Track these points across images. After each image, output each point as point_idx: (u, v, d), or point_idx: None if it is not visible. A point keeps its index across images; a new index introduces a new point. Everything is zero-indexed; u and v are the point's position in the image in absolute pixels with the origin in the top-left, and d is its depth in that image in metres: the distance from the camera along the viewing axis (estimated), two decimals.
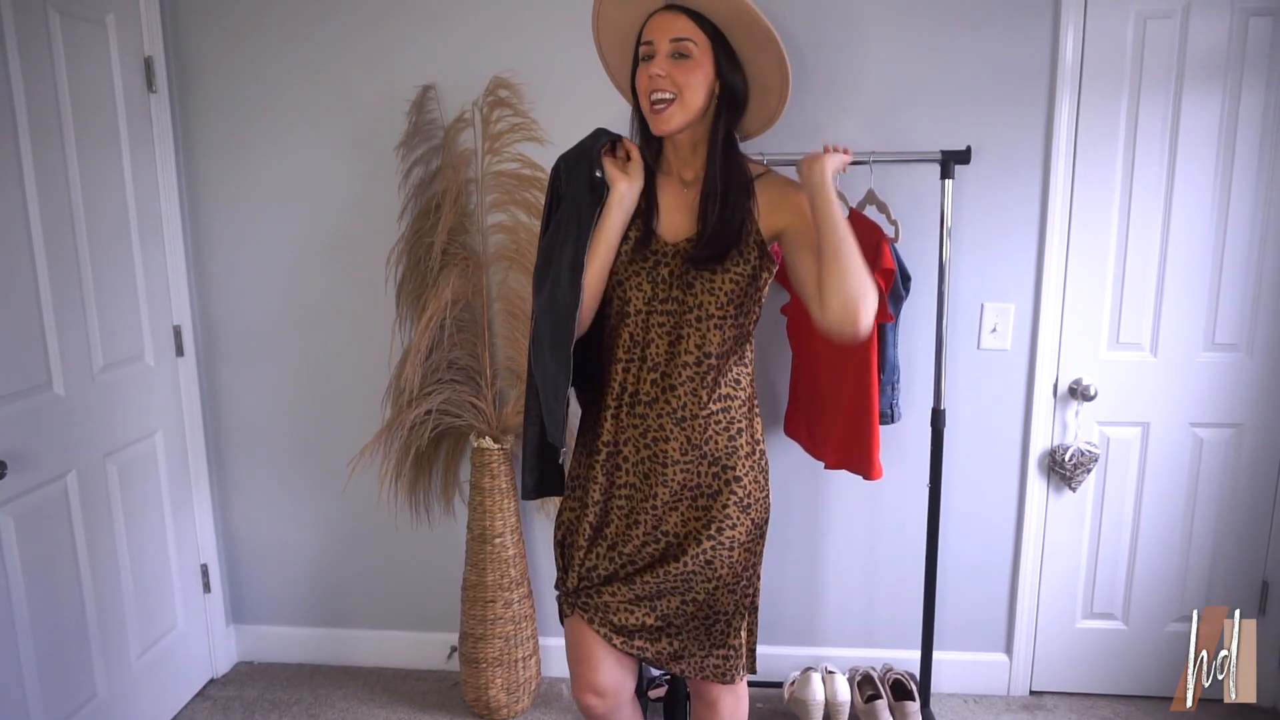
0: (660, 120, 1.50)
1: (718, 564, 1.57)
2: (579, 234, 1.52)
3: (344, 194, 2.43)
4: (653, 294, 1.54)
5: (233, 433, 2.61)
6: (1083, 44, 2.18)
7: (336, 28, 2.35)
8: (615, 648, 1.62)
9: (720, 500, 1.56)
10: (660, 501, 1.57)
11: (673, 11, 1.51)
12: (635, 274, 1.55)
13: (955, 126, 2.23)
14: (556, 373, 1.53)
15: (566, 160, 1.61)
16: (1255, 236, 2.22)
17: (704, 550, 1.56)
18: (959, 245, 2.27)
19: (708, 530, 1.56)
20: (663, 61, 1.49)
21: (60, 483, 2.03)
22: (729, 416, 1.57)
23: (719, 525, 1.56)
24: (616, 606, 1.60)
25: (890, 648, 2.52)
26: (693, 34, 1.49)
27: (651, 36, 1.51)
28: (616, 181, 1.54)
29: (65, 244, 2.03)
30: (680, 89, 1.49)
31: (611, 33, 1.64)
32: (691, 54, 1.49)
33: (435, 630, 2.66)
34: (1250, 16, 2.13)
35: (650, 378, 1.55)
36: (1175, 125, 2.20)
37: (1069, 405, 2.34)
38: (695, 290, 1.52)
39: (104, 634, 2.16)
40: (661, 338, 1.54)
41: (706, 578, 1.58)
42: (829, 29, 2.22)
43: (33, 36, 1.92)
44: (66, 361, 2.03)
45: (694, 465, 1.56)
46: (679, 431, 1.54)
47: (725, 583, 1.59)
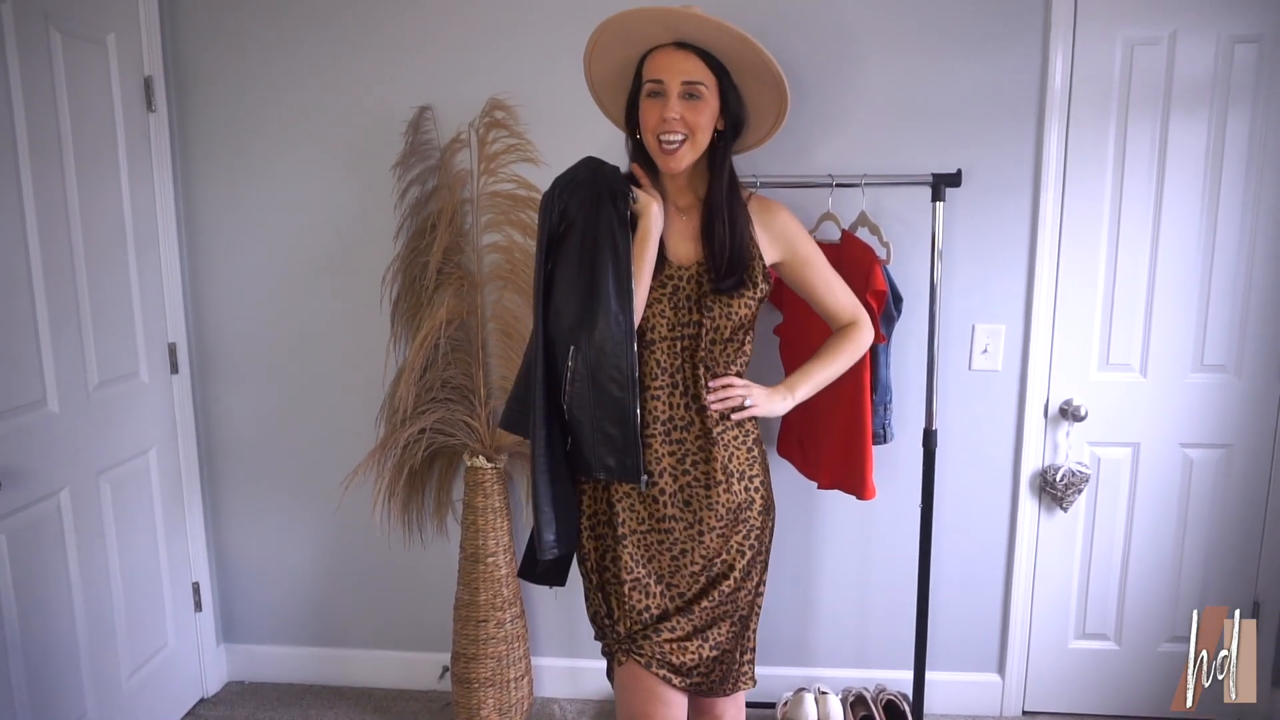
0: (673, 161, 1.52)
1: (749, 568, 1.63)
2: (617, 263, 1.48)
3: (340, 213, 2.45)
4: (674, 319, 1.57)
5: (226, 450, 2.61)
6: (1071, 69, 2.21)
7: (334, 49, 2.37)
8: (674, 688, 1.58)
9: (753, 510, 1.63)
10: (708, 527, 1.58)
11: (683, 51, 1.52)
12: (657, 300, 1.57)
13: (946, 150, 2.26)
14: (624, 402, 1.49)
15: (565, 188, 1.57)
16: (1242, 258, 2.25)
17: (747, 561, 1.62)
18: (950, 267, 2.29)
19: (746, 541, 1.62)
20: (676, 103, 1.50)
21: (53, 500, 2.03)
22: (743, 429, 1.64)
23: (746, 532, 1.62)
24: (673, 647, 1.57)
25: (883, 668, 2.52)
26: (703, 76, 1.52)
27: (661, 75, 1.52)
28: (649, 205, 1.54)
29: (62, 261, 2.04)
30: (693, 129, 1.51)
31: (608, 65, 1.65)
32: (703, 95, 1.52)
33: (427, 650, 2.64)
34: (1235, 43, 2.17)
35: (683, 401, 1.57)
36: (1163, 149, 2.23)
37: (1060, 426, 2.36)
38: (713, 313, 1.55)
39: (94, 653, 2.15)
40: (687, 361, 1.57)
41: (745, 589, 1.62)
42: (824, 54, 2.25)
43: (34, 55, 1.94)
44: (62, 378, 2.04)
45: (731, 482, 1.60)
46: (717, 452, 1.58)
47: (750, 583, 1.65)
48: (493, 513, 2.33)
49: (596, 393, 1.50)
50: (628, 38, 1.57)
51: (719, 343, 1.57)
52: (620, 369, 1.48)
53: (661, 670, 1.56)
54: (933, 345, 2.12)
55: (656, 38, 1.54)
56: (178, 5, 2.40)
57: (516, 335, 2.36)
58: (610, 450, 1.51)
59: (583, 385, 1.50)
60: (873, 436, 2.10)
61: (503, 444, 2.36)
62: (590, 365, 1.49)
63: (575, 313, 1.50)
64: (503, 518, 2.35)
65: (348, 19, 2.35)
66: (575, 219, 1.55)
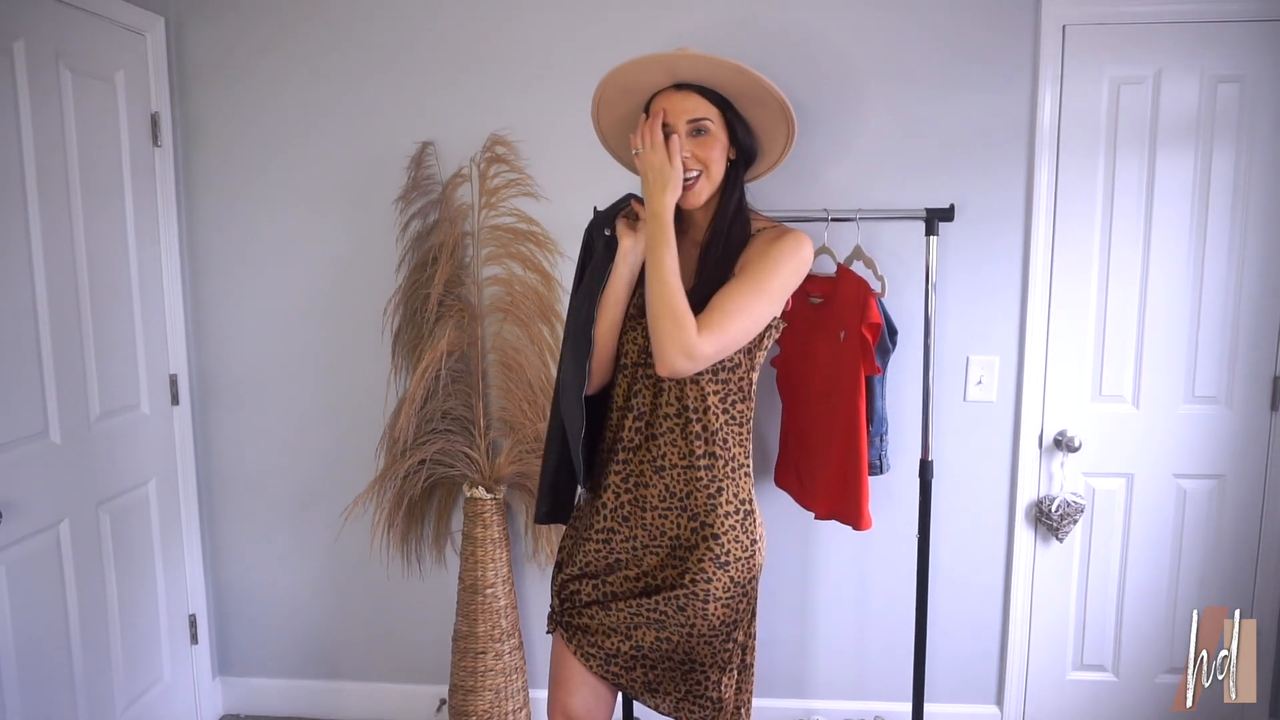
0: (692, 196, 1.56)
1: (691, 613, 1.58)
2: (592, 291, 1.60)
3: (342, 246, 2.48)
4: (645, 348, 1.60)
5: (225, 482, 2.61)
6: (1060, 107, 2.26)
7: (338, 86, 2.42)
8: (592, 671, 1.66)
9: (696, 554, 1.58)
10: (639, 544, 1.64)
11: (684, 91, 1.56)
12: (632, 329, 1.62)
13: (939, 185, 2.30)
14: (573, 419, 1.61)
15: (596, 218, 1.69)
16: (1231, 290, 2.29)
17: (677, 596, 1.58)
18: (944, 299, 2.33)
19: (681, 580, 1.58)
20: (685, 141, 1.54)
21: (53, 531, 2.03)
22: (711, 474, 1.58)
23: (693, 576, 1.57)
24: (595, 628, 1.66)
25: (881, 700, 2.51)
26: (707, 112, 1.56)
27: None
28: (623, 238, 1.60)
29: (66, 292, 2.07)
30: (706, 164, 1.55)
31: (615, 117, 1.70)
32: (710, 129, 1.56)
33: (425, 682, 2.63)
34: (1218, 83, 2.22)
35: (635, 426, 1.61)
36: (1150, 185, 2.27)
37: (1054, 456, 2.38)
38: None
39: (90, 685, 2.14)
40: (647, 389, 1.61)
41: (680, 623, 1.60)
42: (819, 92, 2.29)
43: (44, 92, 1.98)
44: (63, 410, 2.05)
45: (673, 515, 1.61)
46: (657, 479, 1.60)
47: (701, 634, 1.60)
48: (492, 544, 2.33)
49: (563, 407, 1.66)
50: (629, 88, 1.61)
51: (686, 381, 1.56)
52: (572, 390, 1.60)
53: (579, 650, 1.67)
54: (928, 377, 2.14)
55: (657, 83, 1.58)
56: (184, 43, 2.44)
57: (516, 367, 2.38)
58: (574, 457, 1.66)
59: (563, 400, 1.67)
60: (869, 467, 2.12)
61: (502, 475, 2.37)
62: (565, 383, 1.65)
63: (570, 335, 1.66)
64: (502, 549, 2.35)
65: (352, 56, 2.40)
66: (595, 249, 1.68)
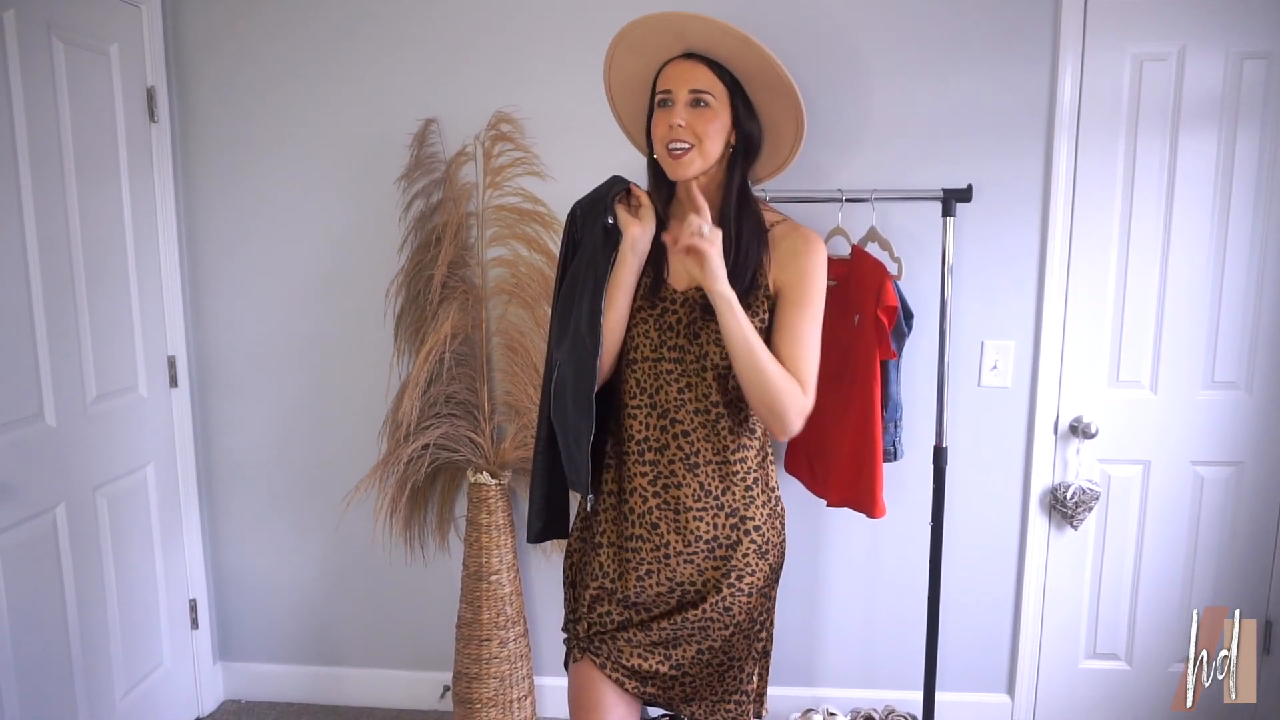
0: (679, 165, 1.48)
1: (735, 610, 1.55)
2: (596, 282, 1.51)
3: (343, 226, 2.43)
4: (659, 340, 1.53)
5: (225, 465, 2.58)
6: (1080, 86, 2.20)
7: (339, 61, 2.36)
8: (627, 692, 1.58)
9: (740, 550, 1.54)
10: (674, 551, 1.53)
11: (692, 60, 1.51)
12: (643, 320, 1.54)
13: (956, 165, 2.25)
14: (579, 420, 1.51)
15: (581, 207, 1.60)
16: (1253, 275, 2.24)
17: (723, 598, 1.53)
18: (960, 282, 2.28)
19: (727, 579, 1.53)
20: (682, 110, 1.48)
21: (49, 516, 1.99)
22: (745, 466, 1.55)
23: (739, 573, 1.53)
24: (630, 651, 1.57)
25: (892, 688, 2.48)
26: (711, 86, 1.49)
27: (669, 85, 1.50)
28: (629, 227, 1.51)
29: (62, 273, 2.02)
30: (700, 138, 1.48)
31: (625, 81, 1.64)
32: (710, 104, 1.49)
33: (428, 669, 2.60)
34: (1244, 59, 2.16)
35: (660, 424, 1.53)
36: (1172, 165, 2.22)
37: (1070, 443, 2.34)
38: (701, 340, 1.50)
39: (89, 671, 2.11)
40: (670, 384, 1.52)
41: (724, 624, 1.55)
42: (835, 70, 2.24)
43: (36, 65, 1.92)
44: (59, 392, 2.00)
45: (710, 515, 1.53)
46: (691, 478, 1.52)
47: (742, 628, 1.57)
48: (496, 530, 2.29)
49: (562, 409, 1.55)
50: (639, 49, 1.56)
51: (709, 369, 1.50)
52: (580, 389, 1.51)
53: (615, 673, 1.58)
54: (943, 361, 2.10)
55: (668, 48, 1.53)
56: (181, 15, 2.38)
57: (521, 350, 2.34)
58: (571, 463, 1.56)
59: (557, 401, 1.56)
60: (882, 454, 2.08)
61: (507, 460, 2.33)
62: (562, 384, 1.54)
63: (558, 331, 1.57)
64: (506, 535, 2.31)
65: (353, 31, 2.34)
66: (584, 239, 1.58)
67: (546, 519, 1.70)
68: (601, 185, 1.59)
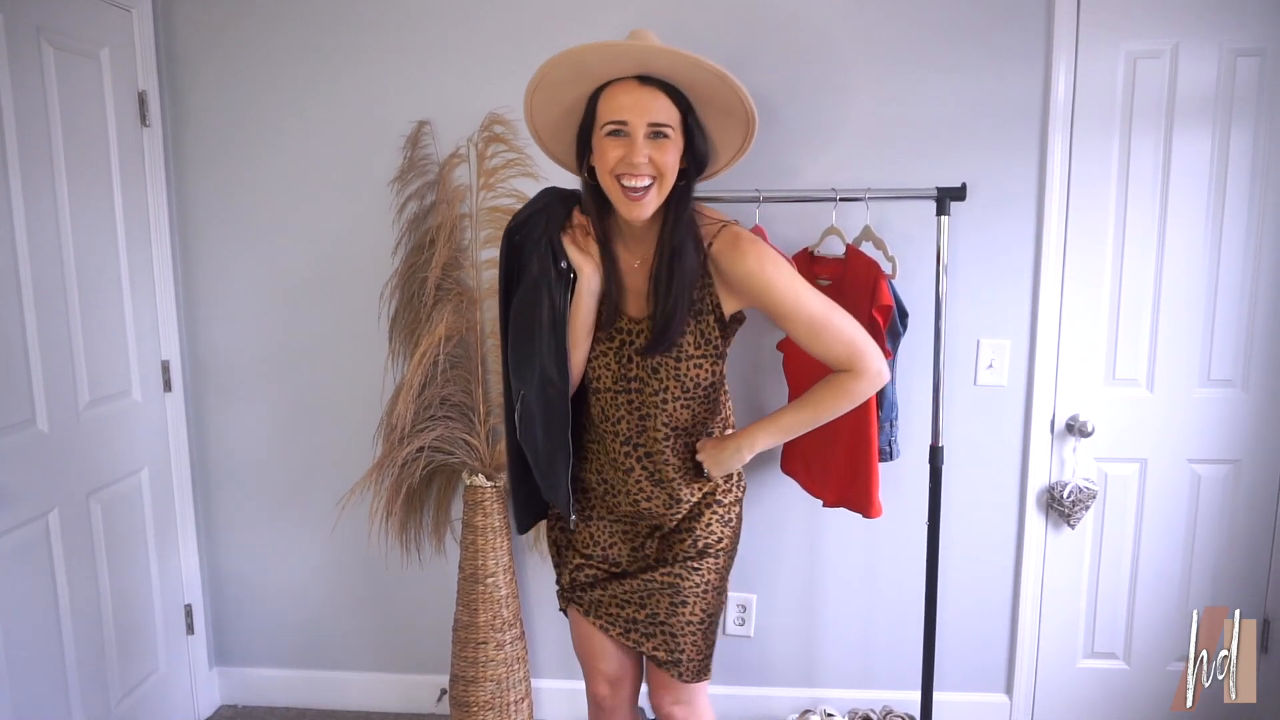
0: (639, 209, 1.41)
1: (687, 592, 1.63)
2: (555, 320, 1.49)
3: (337, 229, 2.42)
4: (619, 372, 1.54)
5: (220, 470, 2.57)
6: (1074, 83, 2.20)
7: (331, 64, 2.35)
8: (612, 638, 1.69)
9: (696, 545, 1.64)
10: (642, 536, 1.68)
11: (648, 88, 1.40)
12: (602, 354, 1.55)
13: (950, 163, 2.24)
14: (554, 452, 1.55)
15: (519, 229, 1.55)
16: (1248, 272, 2.23)
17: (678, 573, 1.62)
18: (955, 281, 2.27)
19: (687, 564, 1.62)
20: (643, 145, 1.38)
21: (41, 522, 1.98)
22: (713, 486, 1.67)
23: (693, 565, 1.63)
24: (608, 600, 1.68)
25: (890, 688, 2.48)
26: (669, 117, 1.41)
27: (625, 116, 1.39)
28: (583, 268, 1.49)
29: (53, 277, 2.01)
30: (662, 172, 1.40)
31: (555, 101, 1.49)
32: (669, 135, 1.41)
33: (425, 673, 2.59)
34: (1237, 57, 2.16)
35: (624, 450, 1.59)
36: (1167, 162, 2.21)
37: (1066, 441, 2.33)
38: (660, 374, 1.52)
39: (83, 678, 2.10)
40: (630, 414, 1.57)
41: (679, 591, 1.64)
42: (826, 67, 2.23)
43: (26, 69, 1.91)
44: (51, 397, 1.99)
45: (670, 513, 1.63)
46: (659, 492, 1.61)
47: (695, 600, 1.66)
48: (492, 532, 2.29)
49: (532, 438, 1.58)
50: (585, 72, 1.42)
51: (671, 401, 1.54)
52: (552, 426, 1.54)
53: (599, 620, 1.69)
54: (938, 361, 2.09)
55: (618, 71, 1.41)
56: (173, 19, 2.37)
57: None
58: (547, 485, 1.63)
59: (524, 426, 1.60)
60: (878, 454, 2.07)
61: (502, 462, 2.32)
62: (530, 415, 1.57)
63: (515, 359, 1.57)
64: (503, 537, 2.31)
65: (345, 33, 2.33)
66: (529, 260, 1.53)
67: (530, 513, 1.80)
68: (536, 202, 1.55)
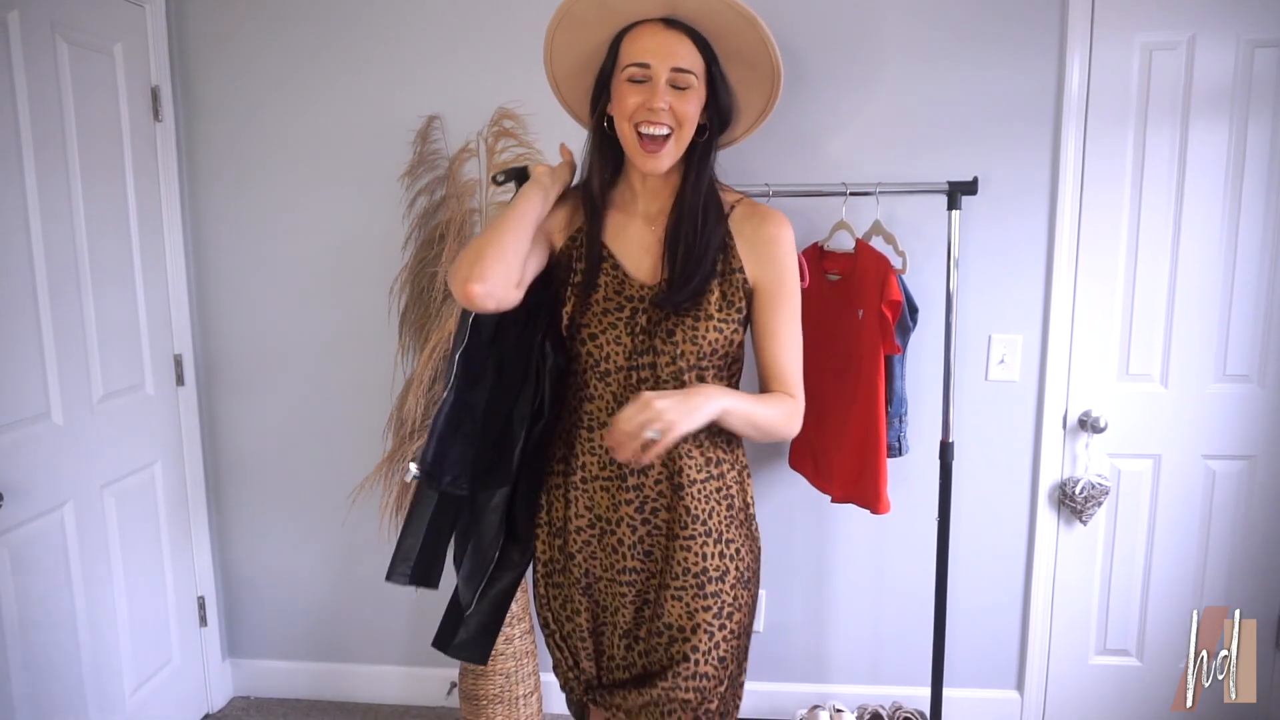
0: (656, 160, 1.33)
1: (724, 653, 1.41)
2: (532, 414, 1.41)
3: (347, 223, 2.43)
4: (632, 347, 1.36)
5: (232, 463, 2.59)
6: (1088, 75, 2.18)
7: (342, 59, 2.36)
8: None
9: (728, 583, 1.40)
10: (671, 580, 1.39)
11: (674, 31, 1.32)
12: (612, 326, 1.37)
13: (962, 157, 2.23)
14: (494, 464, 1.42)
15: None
16: (1265, 266, 2.21)
17: (717, 644, 1.39)
18: (966, 276, 2.26)
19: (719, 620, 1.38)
20: (665, 91, 1.30)
21: (57, 514, 2.00)
22: (724, 481, 1.42)
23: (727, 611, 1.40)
24: (638, 710, 1.42)
25: (899, 685, 2.47)
26: (694, 64, 1.33)
27: (648, 59, 1.31)
28: (537, 168, 1.42)
29: (67, 271, 2.02)
30: (681, 122, 1.32)
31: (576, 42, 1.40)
32: (692, 84, 1.33)
33: (435, 666, 2.61)
34: (1255, 48, 2.13)
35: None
36: (1183, 155, 2.19)
37: (1079, 437, 2.31)
38: (676, 339, 1.35)
39: (97, 669, 2.12)
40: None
41: (716, 677, 1.40)
42: (837, 60, 2.22)
43: (40, 65, 1.93)
44: (66, 390, 2.01)
45: (698, 543, 1.38)
46: (679, 501, 1.38)
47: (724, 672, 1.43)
48: None
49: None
50: (611, 8, 1.33)
51: (687, 371, 1.35)
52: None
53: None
54: (949, 356, 2.08)
55: (645, 11, 1.32)
56: (185, 15, 2.39)
57: None
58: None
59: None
60: (887, 449, 2.06)
61: None
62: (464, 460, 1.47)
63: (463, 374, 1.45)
64: None
65: (356, 29, 2.34)
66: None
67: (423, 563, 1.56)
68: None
